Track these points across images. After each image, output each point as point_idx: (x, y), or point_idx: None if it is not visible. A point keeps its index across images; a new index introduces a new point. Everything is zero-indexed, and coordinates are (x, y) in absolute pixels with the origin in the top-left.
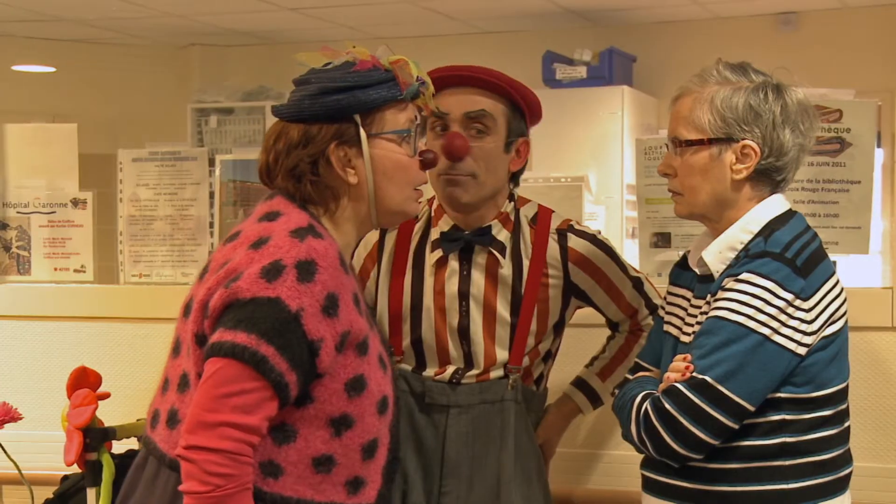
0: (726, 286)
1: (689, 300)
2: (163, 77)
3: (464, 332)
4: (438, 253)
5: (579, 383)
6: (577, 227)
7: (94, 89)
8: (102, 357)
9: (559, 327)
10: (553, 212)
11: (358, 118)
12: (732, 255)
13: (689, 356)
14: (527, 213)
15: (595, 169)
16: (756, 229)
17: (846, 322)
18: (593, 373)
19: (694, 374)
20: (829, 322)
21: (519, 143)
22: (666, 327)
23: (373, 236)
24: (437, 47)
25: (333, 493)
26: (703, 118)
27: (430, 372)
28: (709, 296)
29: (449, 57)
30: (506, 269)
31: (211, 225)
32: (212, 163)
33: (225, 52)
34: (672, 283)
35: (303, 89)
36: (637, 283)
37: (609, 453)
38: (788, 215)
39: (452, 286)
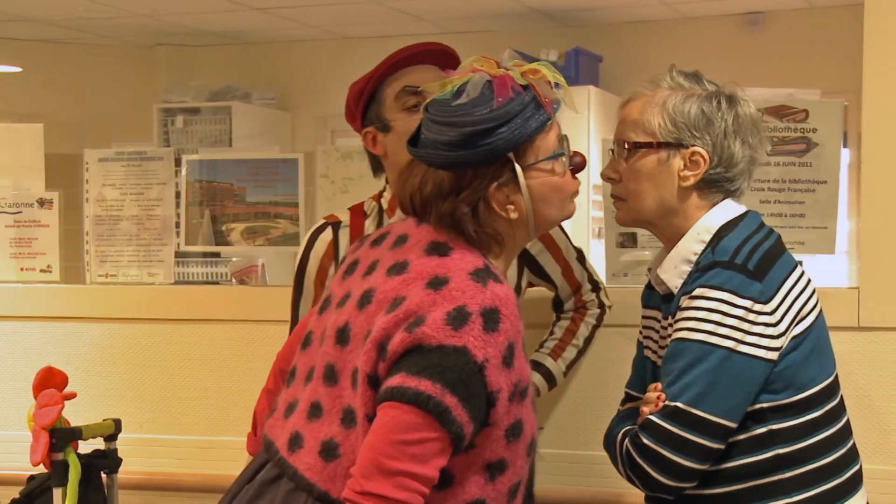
0: (682, 305)
1: (660, 321)
2: (129, 77)
3: None
4: None
5: (534, 365)
6: None
7: (60, 89)
8: (69, 357)
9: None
10: None
11: (512, 155)
12: (688, 268)
13: (659, 385)
14: None
15: None
16: (708, 238)
17: (819, 315)
18: (545, 354)
19: (666, 402)
20: (797, 320)
21: None
22: (645, 352)
23: (328, 235)
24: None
25: None
26: (654, 121)
27: None
28: (670, 317)
29: None
30: None
31: (177, 225)
32: (178, 163)
33: (191, 52)
34: (644, 305)
35: (442, 132)
36: (580, 256)
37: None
38: (739, 219)
39: None
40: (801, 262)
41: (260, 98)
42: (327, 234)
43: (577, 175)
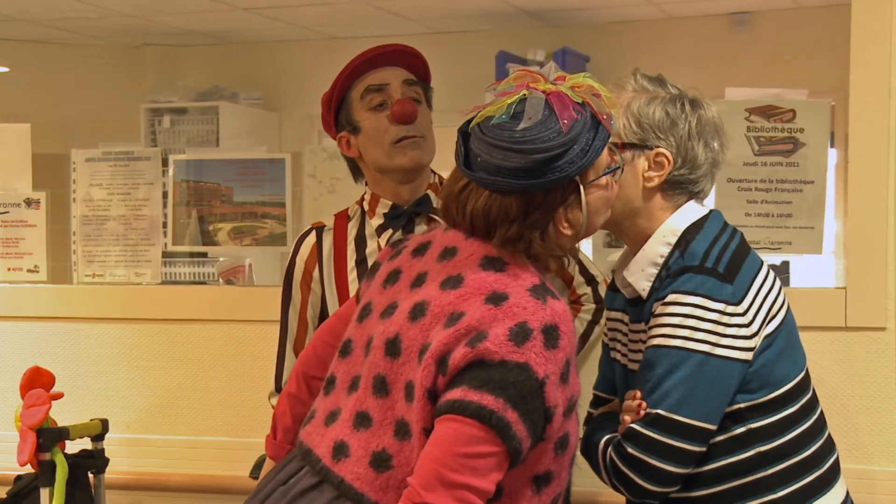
0: (656, 312)
1: (626, 324)
2: (116, 77)
3: None
4: (388, 232)
5: None
6: None
7: (47, 89)
8: (56, 357)
9: None
10: None
11: (578, 178)
12: (654, 270)
13: (639, 393)
14: None
15: None
16: (673, 240)
17: (788, 311)
18: None
19: (647, 410)
20: (768, 319)
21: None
22: (612, 353)
23: (312, 238)
24: None
25: None
26: (619, 123)
27: None
28: (643, 323)
29: None
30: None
31: (164, 225)
32: (165, 163)
33: (178, 52)
34: (608, 307)
35: (508, 158)
36: None
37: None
38: (703, 220)
39: None
40: (765, 262)
41: (247, 98)
42: (311, 238)
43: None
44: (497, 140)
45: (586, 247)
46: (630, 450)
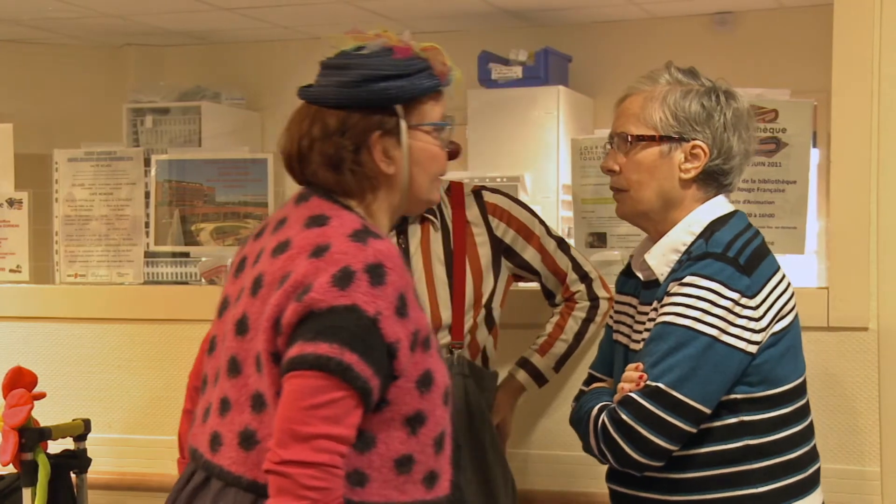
0: (671, 291)
1: (635, 307)
2: (98, 77)
3: None
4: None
5: (522, 362)
6: (488, 187)
7: (29, 89)
8: (38, 357)
9: (496, 292)
10: (463, 181)
11: (400, 108)
12: (676, 257)
13: (641, 365)
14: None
15: (531, 169)
16: (698, 230)
17: (796, 316)
18: (533, 350)
19: (647, 381)
20: (777, 318)
21: None
22: (615, 336)
23: None
24: None
25: (415, 492)
26: (655, 116)
27: None
28: (655, 301)
29: None
30: (438, 233)
31: (147, 225)
32: (147, 163)
33: (160, 53)
34: (618, 291)
35: (339, 74)
36: (562, 244)
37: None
38: (728, 216)
39: None
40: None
41: (229, 98)
42: None
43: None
44: (331, 62)
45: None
46: (624, 416)
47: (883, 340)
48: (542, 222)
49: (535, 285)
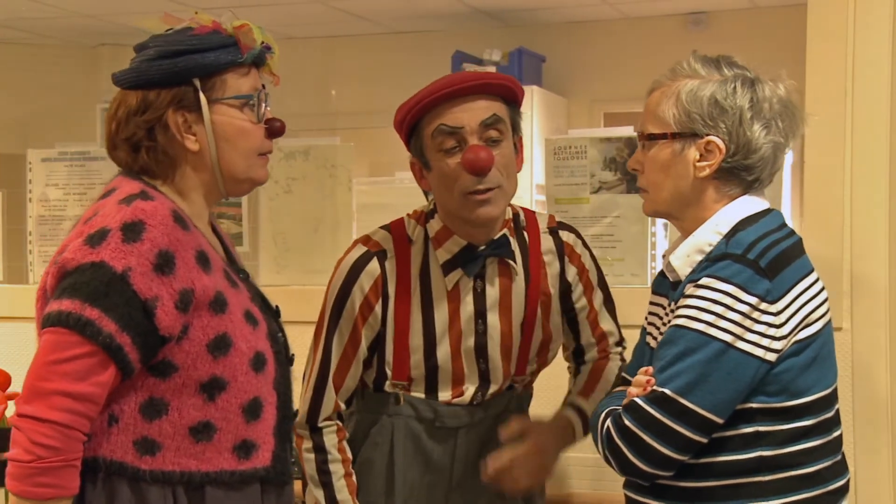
0: (687, 292)
1: (665, 308)
2: (72, 77)
3: (480, 351)
4: (458, 274)
5: (570, 407)
6: (561, 221)
7: (3, 89)
8: (12, 357)
9: (558, 332)
10: (534, 210)
11: (197, 82)
12: (700, 257)
13: (650, 369)
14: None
15: None
16: (725, 230)
17: (827, 323)
18: (576, 393)
19: (654, 387)
20: (802, 325)
21: (518, 140)
22: (647, 338)
23: (374, 267)
24: (347, 47)
25: (221, 461)
26: (668, 112)
27: (444, 396)
28: (673, 303)
29: (360, 57)
30: (520, 276)
31: None
32: None
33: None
34: (653, 291)
35: (142, 55)
36: (608, 300)
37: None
38: (760, 215)
39: (468, 306)
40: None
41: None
42: (374, 267)
43: (272, 139)
44: (139, 44)
45: None
46: (627, 422)
47: (856, 340)
48: (598, 267)
49: None
